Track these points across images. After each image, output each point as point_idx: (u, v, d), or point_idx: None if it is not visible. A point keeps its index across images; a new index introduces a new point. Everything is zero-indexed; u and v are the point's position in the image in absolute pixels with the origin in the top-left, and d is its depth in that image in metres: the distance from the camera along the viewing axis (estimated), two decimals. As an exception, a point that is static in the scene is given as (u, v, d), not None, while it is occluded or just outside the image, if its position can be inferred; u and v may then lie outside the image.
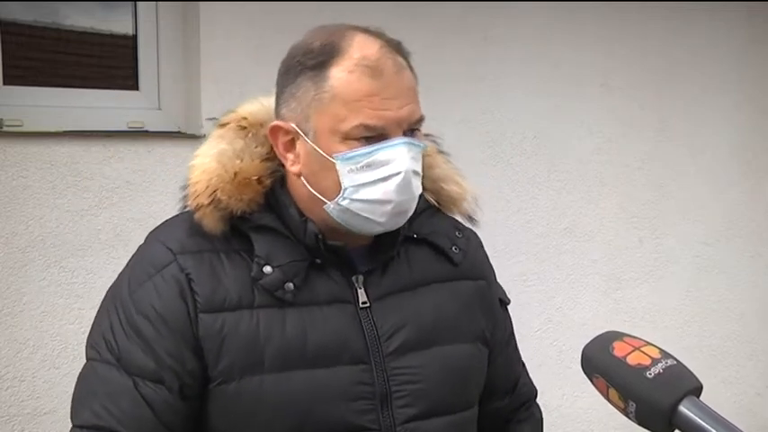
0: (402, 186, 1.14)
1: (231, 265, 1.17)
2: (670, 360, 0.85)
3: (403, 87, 1.15)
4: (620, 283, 3.26)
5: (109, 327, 1.17)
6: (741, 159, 3.45)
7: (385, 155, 1.13)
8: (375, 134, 1.13)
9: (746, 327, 3.51)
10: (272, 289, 1.16)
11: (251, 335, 1.14)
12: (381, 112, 1.12)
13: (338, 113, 1.13)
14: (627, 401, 0.85)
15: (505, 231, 2.99)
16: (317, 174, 1.17)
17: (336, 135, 1.14)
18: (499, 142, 2.98)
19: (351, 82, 1.12)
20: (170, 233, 1.22)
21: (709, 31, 3.32)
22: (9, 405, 2.29)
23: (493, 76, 2.93)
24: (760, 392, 3.59)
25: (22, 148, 2.27)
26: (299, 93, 1.16)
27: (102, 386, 1.15)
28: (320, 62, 1.14)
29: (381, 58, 1.13)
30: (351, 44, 1.14)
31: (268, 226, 1.19)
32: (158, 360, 1.14)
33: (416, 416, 1.20)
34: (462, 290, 1.31)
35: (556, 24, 3.02)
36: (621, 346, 0.88)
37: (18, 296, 2.28)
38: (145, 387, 1.14)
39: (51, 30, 2.45)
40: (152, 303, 1.15)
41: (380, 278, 1.23)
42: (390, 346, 1.20)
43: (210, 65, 2.48)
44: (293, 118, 1.17)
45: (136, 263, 1.23)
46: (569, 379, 3.07)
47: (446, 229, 1.32)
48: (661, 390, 0.82)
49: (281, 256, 1.17)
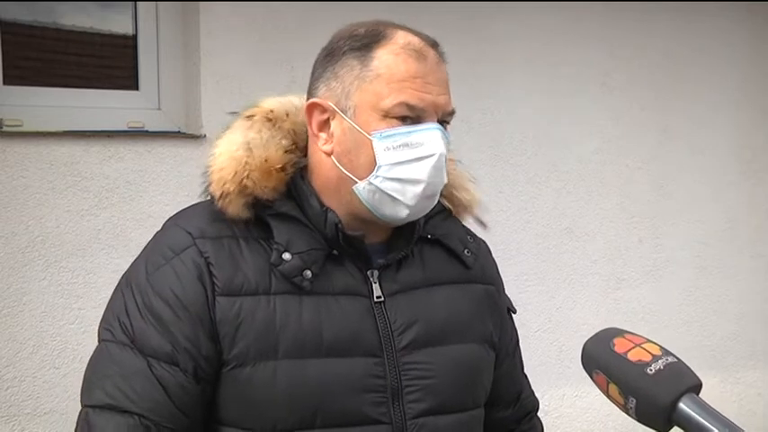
0: (436, 168, 1.17)
1: (250, 252, 1.18)
2: (670, 357, 0.86)
3: (442, 78, 1.21)
4: (620, 283, 3.26)
5: (124, 309, 1.17)
6: (741, 159, 3.45)
7: (421, 137, 1.17)
8: (413, 115, 1.17)
9: (746, 327, 3.51)
10: (291, 275, 1.17)
11: (267, 320, 1.15)
12: (423, 95, 1.17)
13: (381, 91, 1.16)
14: (627, 397, 0.85)
15: (505, 231, 3.00)
16: (351, 152, 1.19)
17: (377, 112, 1.17)
18: (499, 142, 2.98)
19: (397, 63, 1.17)
20: (189, 219, 1.23)
21: (709, 31, 3.32)
22: (9, 405, 2.29)
23: (493, 76, 2.93)
24: (760, 392, 3.59)
25: (22, 148, 2.28)
26: (341, 71, 1.19)
27: (116, 367, 1.14)
28: (366, 44, 1.19)
29: (425, 47, 1.20)
30: (395, 32, 1.20)
31: (288, 214, 1.20)
32: (174, 342, 1.14)
33: (427, 411, 1.21)
34: (473, 292, 1.32)
35: (556, 24, 3.03)
36: (622, 342, 0.88)
37: (18, 296, 2.29)
38: (159, 368, 1.13)
39: (51, 30, 2.45)
40: (170, 286, 1.15)
41: (395, 274, 1.25)
42: (403, 341, 1.21)
43: (210, 65, 2.48)
44: (332, 97, 1.20)
45: (153, 247, 1.23)
46: (569, 379, 3.07)
47: (459, 233, 1.35)
48: (661, 386, 0.83)
49: (300, 243, 1.18)
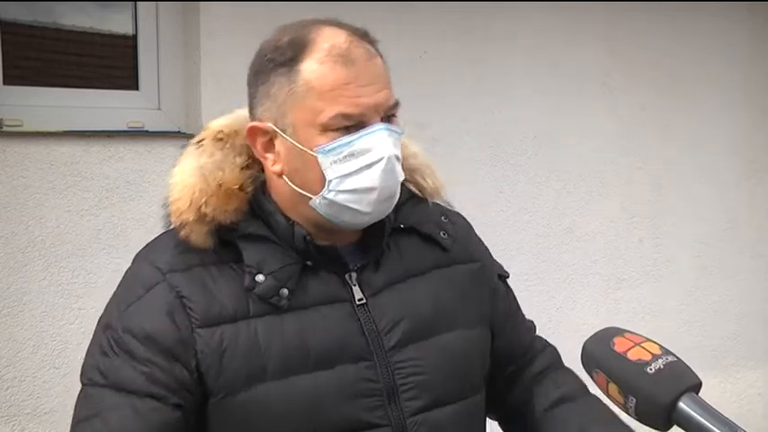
0: (386, 172, 1.14)
1: (223, 278, 1.15)
2: (670, 356, 0.86)
3: (376, 73, 1.15)
4: (620, 283, 3.26)
5: (99, 350, 1.15)
6: (742, 159, 3.45)
7: (366, 142, 1.13)
8: (354, 123, 1.13)
9: (746, 327, 3.51)
10: (267, 297, 1.14)
11: (251, 345, 1.13)
12: (358, 99, 1.12)
13: (315, 106, 1.12)
14: (627, 396, 0.85)
15: (505, 231, 2.99)
16: (300, 170, 1.16)
17: (315, 128, 1.13)
18: (499, 142, 2.98)
19: (324, 73, 1.12)
20: (157, 252, 1.20)
21: (710, 31, 3.32)
22: (9, 405, 2.29)
23: (493, 76, 2.93)
24: (760, 392, 3.59)
25: (22, 148, 2.27)
26: (272, 90, 1.15)
27: (96, 408, 1.12)
28: (291, 57, 1.13)
29: (351, 47, 1.13)
30: (319, 36, 1.14)
31: (256, 234, 1.17)
32: (152, 378, 1.11)
33: (424, 407, 1.20)
34: (456, 275, 1.30)
35: (556, 24, 3.02)
36: (622, 341, 0.88)
37: (18, 296, 2.28)
38: (139, 403, 1.10)
39: (51, 30, 2.45)
40: (141, 324, 1.13)
41: (374, 273, 1.23)
42: (391, 341, 1.19)
43: (210, 65, 2.48)
44: (270, 117, 1.16)
45: (124, 285, 1.20)
46: (569, 379, 3.06)
47: (432, 217, 1.32)
48: (661, 385, 0.83)
49: (272, 262, 1.16)
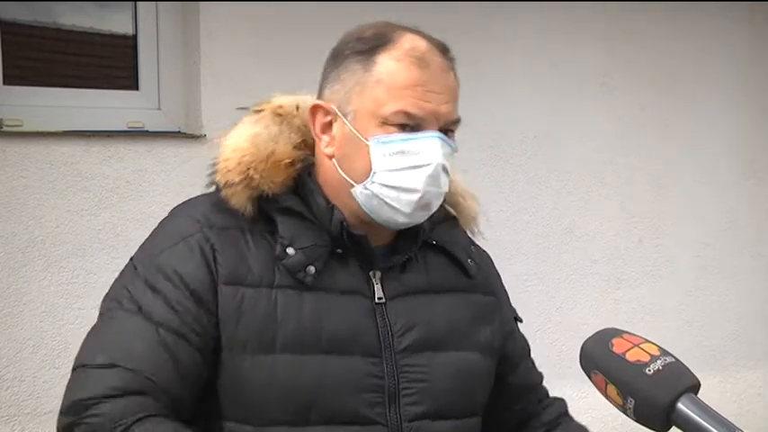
0: (432, 178, 1.17)
1: (255, 245, 1.18)
2: (669, 357, 0.86)
3: (446, 85, 1.20)
4: (620, 283, 3.26)
5: (131, 284, 1.17)
6: (741, 159, 3.45)
7: (419, 145, 1.16)
8: (412, 123, 1.16)
9: (746, 327, 3.51)
10: (294, 270, 1.16)
11: (268, 313, 1.15)
12: (423, 103, 1.16)
13: (380, 98, 1.16)
14: (625, 398, 0.85)
15: (505, 231, 2.99)
16: (350, 156, 1.19)
17: (375, 119, 1.16)
18: (499, 142, 2.98)
19: (398, 70, 1.16)
20: (196, 208, 1.23)
21: (709, 31, 3.32)
22: (9, 405, 2.29)
23: (492, 77, 2.93)
24: (760, 392, 3.59)
25: (22, 148, 2.28)
26: (344, 75, 1.19)
27: (122, 332, 1.14)
28: (370, 47, 1.18)
29: (429, 53, 1.18)
30: (402, 37, 1.19)
31: (293, 209, 1.20)
32: (181, 317, 1.13)
33: (422, 415, 1.20)
34: (474, 302, 1.32)
35: (556, 24, 3.02)
36: (621, 342, 0.88)
37: (18, 296, 2.29)
38: (168, 336, 1.12)
39: (51, 30, 2.45)
40: (175, 268, 1.15)
41: (398, 277, 1.25)
42: (402, 344, 1.21)
43: (210, 65, 2.48)
44: (335, 100, 1.20)
45: (160, 232, 1.23)
46: (569, 379, 3.04)
47: (463, 242, 1.35)
48: (660, 386, 0.83)
49: (304, 239, 1.18)
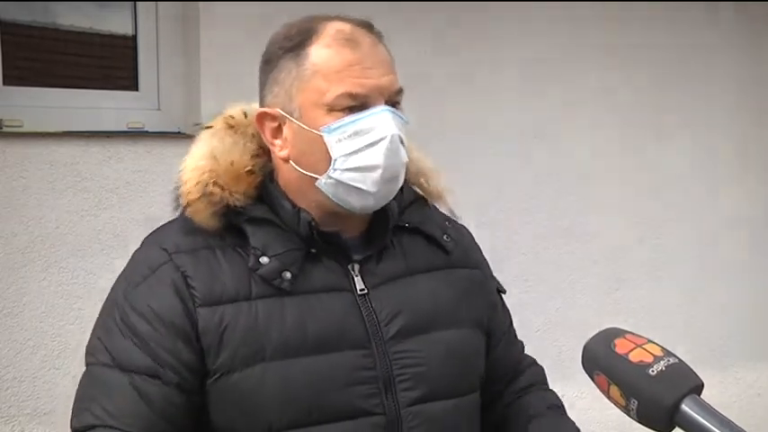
0: (390, 150, 1.17)
1: (227, 260, 1.18)
2: (672, 358, 0.85)
3: (381, 59, 1.20)
4: (620, 283, 3.26)
5: (104, 329, 1.18)
6: (741, 159, 3.45)
7: (370, 122, 1.16)
8: (358, 103, 1.16)
9: (746, 327, 3.51)
10: (270, 278, 1.17)
11: (251, 325, 1.15)
12: (363, 80, 1.16)
13: (320, 87, 1.16)
14: (629, 399, 0.84)
15: (505, 231, 2.99)
16: (306, 152, 1.19)
17: (321, 108, 1.17)
18: (499, 142, 2.98)
19: (330, 56, 1.17)
20: (164, 235, 1.24)
21: (710, 31, 3.33)
22: (9, 405, 2.29)
23: (493, 76, 2.93)
24: (760, 392, 3.59)
25: (22, 148, 2.27)
26: (280, 76, 1.20)
27: (100, 388, 1.15)
28: (298, 42, 1.19)
29: (356, 32, 1.19)
30: (326, 25, 1.19)
31: (262, 217, 1.20)
32: (154, 356, 1.14)
33: (420, 398, 1.21)
34: (457, 278, 1.32)
35: (556, 24, 3.02)
36: (623, 343, 0.87)
37: (18, 296, 2.28)
38: (141, 382, 1.13)
39: (51, 30, 2.45)
40: (147, 302, 1.16)
41: (376, 266, 1.25)
42: (390, 331, 1.21)
43: (210, 65, 2.48)
44: (278, 103, 1.21)
45: (131, 267, 1.24)
46: (569, 379, 3.05)
47: (437, 220, 1.35)
48: (664, 387, 0.82)
49: (276, 246, 1.18)
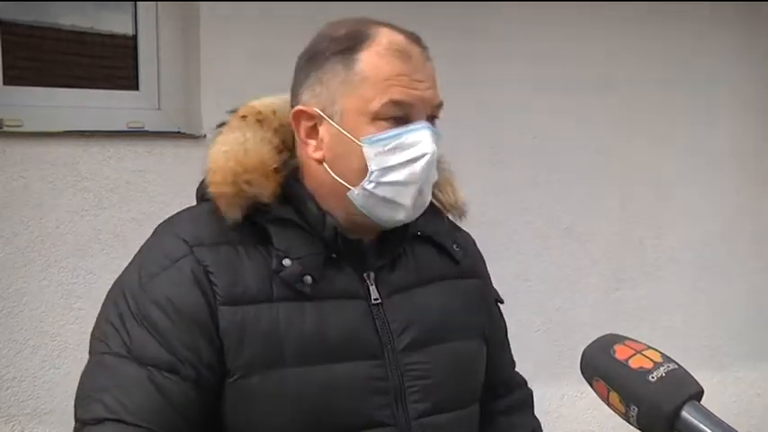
0: (427, 168, 1.16)
1: (249, 259, 1.16)
2: (672, 364, 0.85)
3: (428, 73, 1.19)
4: (620, 283, 3.26)
5: (118, 318, 1.13)
6: (741, 159, 3.45)
7: (412, 137, 1.16)
8: (403, 113, 1.16)
9: (746, 327, 3.51)
10: (292, 281, 1.15)
11: (271, 328, 1.13)
12: (410, 91, 1.15)
13: (367, 94, 1.15)
14: (629, 405, 0.84)
15: (505, 231, 2.99)
16: (342, 158, 1.17)
17: (365, 116, 1.15)
18: (499, 142, 2.98)
19: (382, 65, 1.15)
20: (183, 225, 1.20)
21: (710, 31, 3.32)
22: (9, 405, 2.29)
23: (493, 76, 2.93)
24: (760, 392, 3.59)
25: (22, 148, 2.27)
26: (326, 77, 1.17)
27: (114, 379, 1.10)
28: (349, 47, 1.17)
29: (409, 45, 1.18)
30: (378, 32, 1.18)
31: (286, 218, 1.18)
32: (173, 351, 1.10)
33: (429, 411, 1.21)
34: (464, 287, 1.33)
35: (556, 24, 3.02)
36: (623, 349, 0.87)
37: (18, 296, 2.28)
38: (160, 377, 1.09)
39: (51, 30, 2.44)
40: (167, 294, 1.12)
41: (389, 275, 1.24)
42: (402, 343, 1.20)
43: (210, 65, 2.48)
44: (317, 103, 1.18)
45: (147, 255, 1.19)
46: (569, 379, 3.07)
47: (447, 229, 1.35)
48: (664, 394, 0.82)
49: (299, 248, 1.17)
